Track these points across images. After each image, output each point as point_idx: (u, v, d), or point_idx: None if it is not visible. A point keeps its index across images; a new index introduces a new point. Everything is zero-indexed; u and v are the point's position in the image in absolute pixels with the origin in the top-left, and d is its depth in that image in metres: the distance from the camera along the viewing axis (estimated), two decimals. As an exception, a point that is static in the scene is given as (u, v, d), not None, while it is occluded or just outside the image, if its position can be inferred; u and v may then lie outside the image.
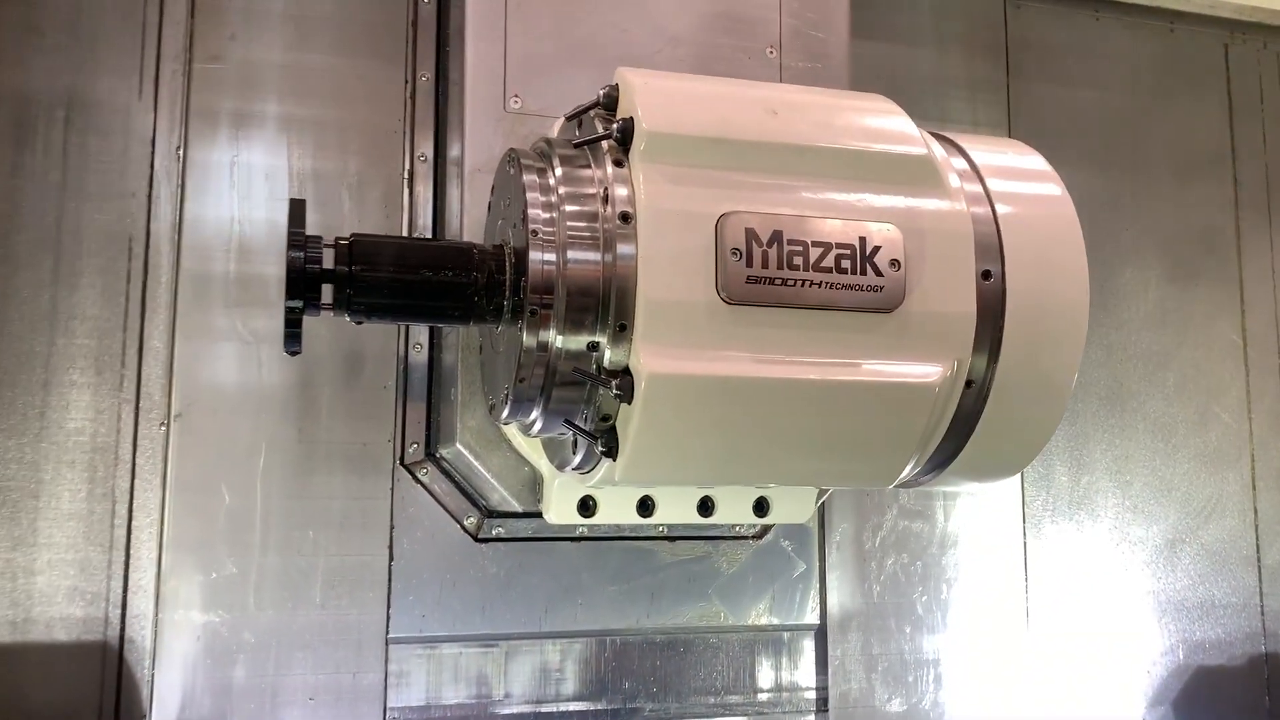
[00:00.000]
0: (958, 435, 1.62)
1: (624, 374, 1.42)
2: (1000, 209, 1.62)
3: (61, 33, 2.14)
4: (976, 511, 2.60)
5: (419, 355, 2.23)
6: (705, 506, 1.95)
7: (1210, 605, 2.80)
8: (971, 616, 2.56)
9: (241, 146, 2.20)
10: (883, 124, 1.58)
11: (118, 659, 2.05)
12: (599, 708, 2.27)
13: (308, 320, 1.50)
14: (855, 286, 1.45)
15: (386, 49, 2.29)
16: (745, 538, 2.37)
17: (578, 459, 1.59)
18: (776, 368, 1.43)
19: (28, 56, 2.12)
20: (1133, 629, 2.73)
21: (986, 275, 1.57)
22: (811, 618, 2.42)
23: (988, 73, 2.78)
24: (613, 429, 1.48)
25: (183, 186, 2.16)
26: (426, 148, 2.28)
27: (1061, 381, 1.62)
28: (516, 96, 2.02)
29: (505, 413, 1.58)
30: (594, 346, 1.45)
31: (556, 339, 1.46)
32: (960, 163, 1.68)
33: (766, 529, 2.38)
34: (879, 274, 1.46)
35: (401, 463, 2.21)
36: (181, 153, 2.17)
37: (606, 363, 1.44)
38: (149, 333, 2.12)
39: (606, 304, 1.43)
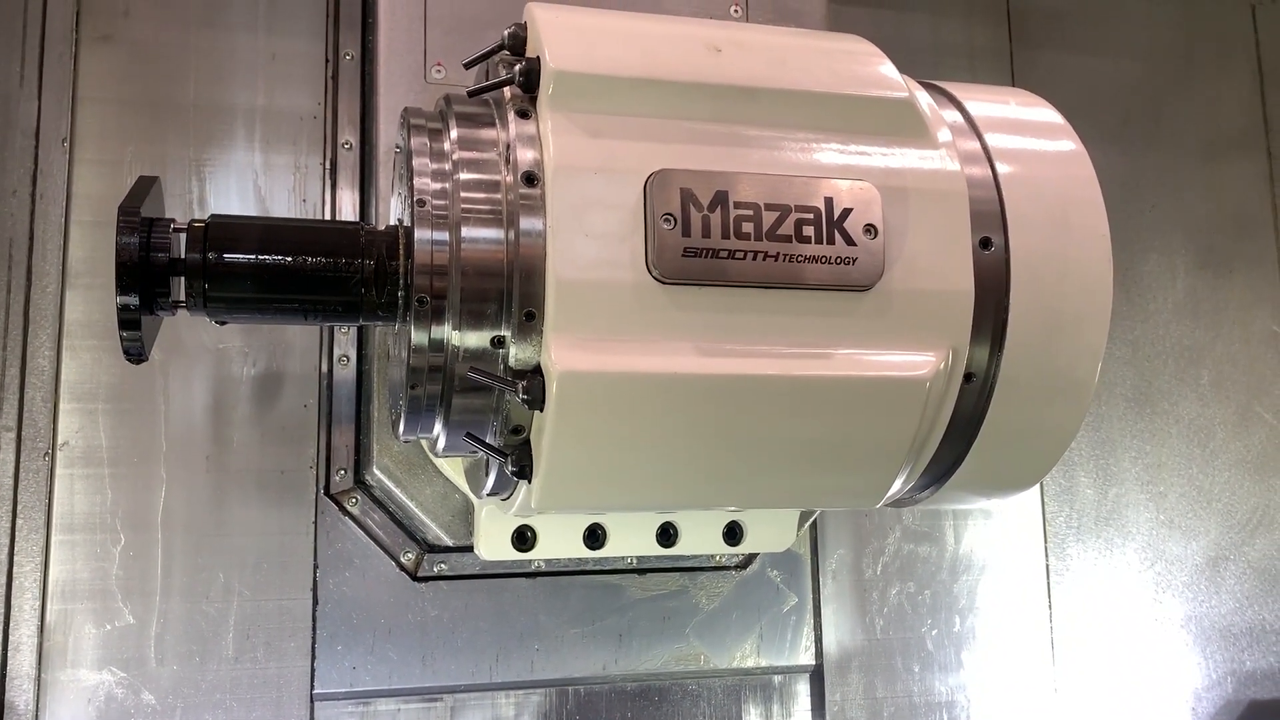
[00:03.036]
0: (958, 441, 1.32)
1: (534, 374, 1.14)
2: (1001, 167, 1.33)
3: (-72, 13, 1.89)
4: (991, 532, 2.29)
5: (345, 369, 1.95)
6: (666, 535, 1.66)
7: (1261, 630, 2.48)
8: (989, 652, 2.25)
9: (137, 136, 1.93)
10: (855, 65, 1.30)
11: (-4, 728, 1.77)
12: (566, 769, 1.98)
13: (215, 333, 1.22)
14: (821, 258, 1.17)
15: (305, 23, 2.03)
16: (727, 568, 2.08)
17: (491, 481, 1.31)
18: (724, 361, 1.14)
19: (-111, 40, 1.87)
20: (1173, 660, 2.41)
21: (985, 244, 1.28)
22: (806, 658, 2.11)
23: (989, 40, 2.50)
24: (526, 443, 1.20)
25: (69, 183, 1.90)
26: (351, 134, 2.02)
27: (1082, 373, 1.33)
28: (439, 65, 1.75)
29: (402, 427, 1.29)
30: (498, 342, 1.17)
31: (453, 335, 1.18)
32: (953, 114, 1.39)
33: (751, 558, 2.09)
34: (851, 242, 1.18)
35: (326, 492, 1.92)
36: (69, 145, 1.91)
37: (513, 361, 1.16)
38: (32, 350, 1.85)
39: (510, 289, 1.15)
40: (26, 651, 1.79)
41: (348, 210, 1.99)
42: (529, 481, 1.20)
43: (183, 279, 1.23)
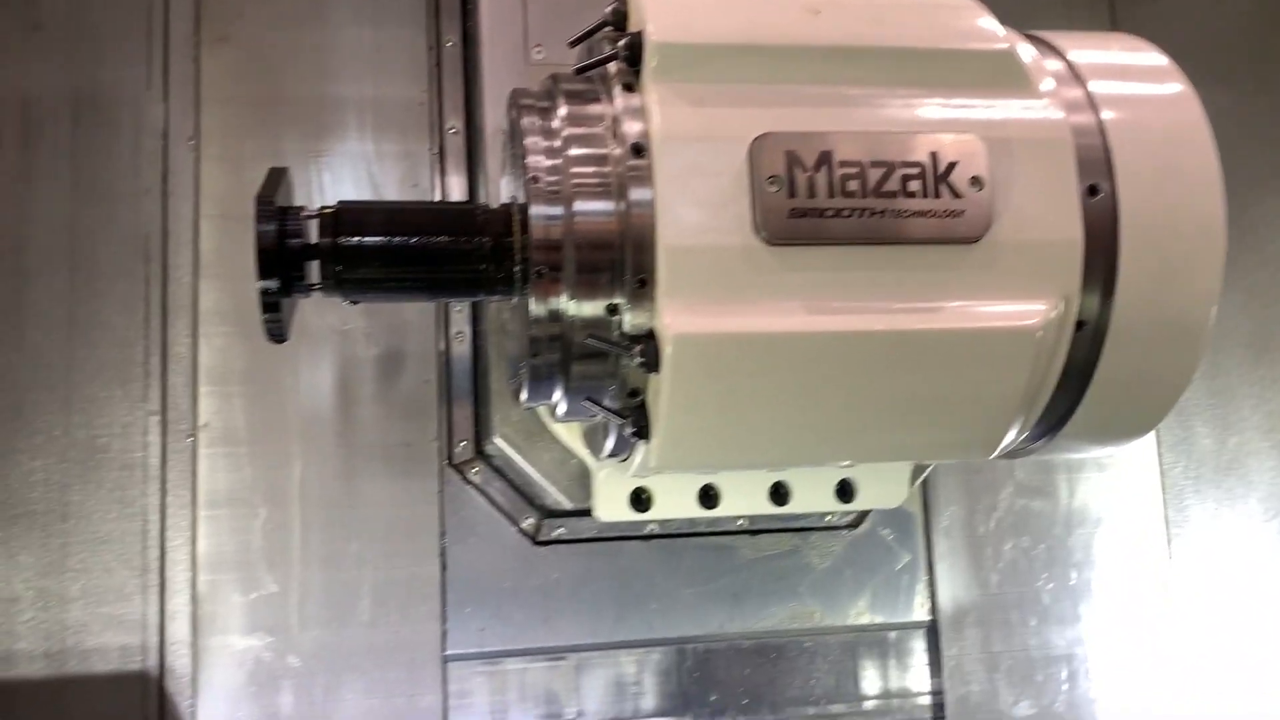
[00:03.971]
0: (1070, 390, 1.33)
1: (648, 338, 1.18)
2: (1106, 113, 1.32)
3: (62, 26, 2.01)
4: (1106, 485, 2.27)
5: (461, 346, 2.03)
6: (779, 493, 1.70)
7: (1395, 580, 2.40)
8: (1107, 605, 2.23)
9: (257, 132, 2.03)
10: (953, 19, 1.31)
11: (158, 690, 1.91)
12: (683, 723, 2.04)
13: (339, 315, 1.29)
14: (928, 213, 1.18)
15: (406, 13, 2.10)
16: (838, 528, 2.10)
17: (610, 443, 1.36)
18: (833, 319, 1.17)
19: (29, 54, 2.00)
20: (1302, 611, 2.36)
21: (1093, 191, 1.27)
22: (920, 614, 2.13)
23: (1087, -15, 2.45)
24: (643, 405, 1.24)
25: (197, 180, 2.01)
26: (456, 119, 2.09)
27: (1196, 317, 1.31)
28: (539, 46, 1.80)
29: (525, 395, 1.36)
30: (613, 309, 1.22)
31: (569, 305, 1.23)
32: (1055, 63, 1.39)
33: (862, 517, 2.11)
34: (957, 195, 1.19)
35: (449, 463, 2.01)
36: (195, 144, 2.02)
37: (628, 327, 1.21)
38: (171, 339, 1.98)
39: (623, 258, 1.20)
40: (182, 619, 1.92)
41: (456, 193, 2.06)
42: (647, 442, 1.25)
43: (316, 262, 1.31)
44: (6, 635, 1.87)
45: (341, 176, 2.05)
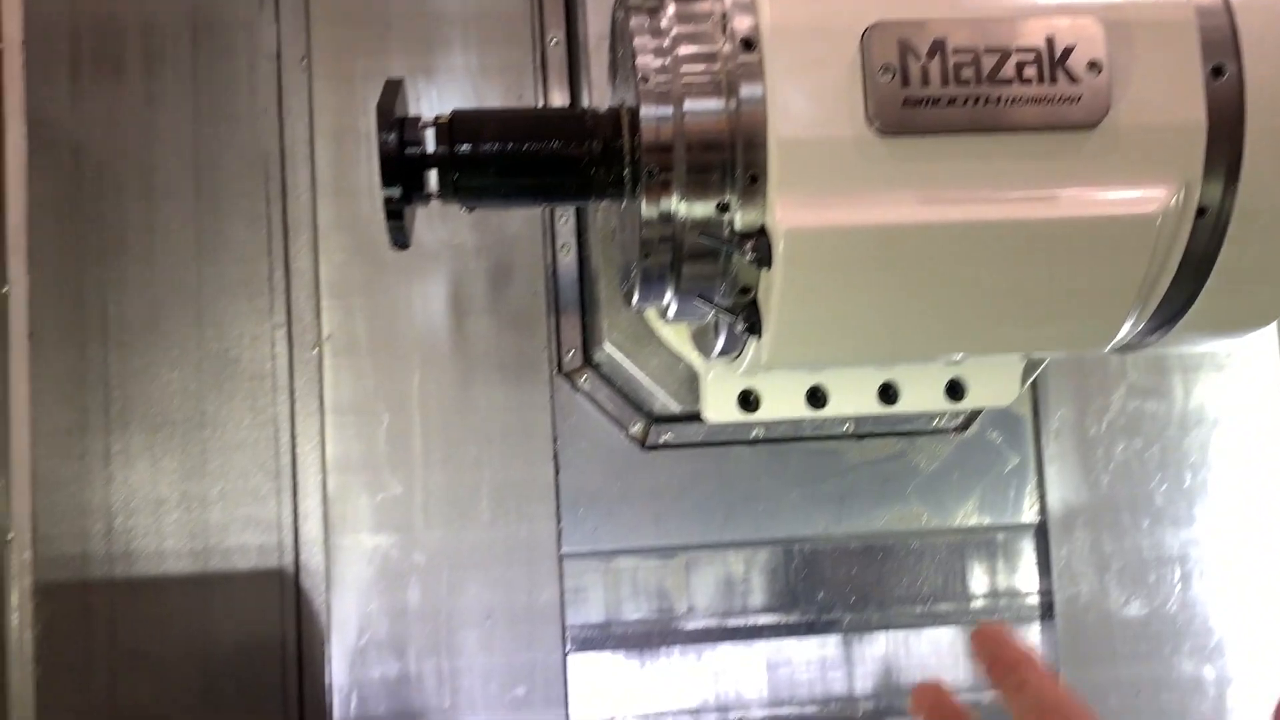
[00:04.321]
0: (1189, 280, 1.30)
1: (759, 234, 1.20)
2: (1233, -10, 1.27)
3: (177, -48, 2.07)
4: (1224, 384, 2.22)
5: (567, 257, 2.08)
6: (887, 393, 1.71)
7: None
8: (1222, 506, 2.20)
9: (365, 50, 2.08)
10: (1068, -102, 1.26)
11: (295, 585, 2.03)
12: (792, 620, 2.09)
13: (450, 230, 1.35)
14: (1045, 99, 1.16)
15: (505, -76, 2.11)
16: (946, 431, 2.11)
17: (721, 341, 1.39)
18: (949, 209, 1.17)
19: (148, -19, 2.07)
20: None
21: (1217, 72, 1.23)
22: (1029, 515, 2.14)
23: None
24: (754, 302, 1.27)
25: (310, 99, 2.07)
26: (557, 29, 2.10)
27: (1327, 202, 1.27)
28: (640, -51, 1.79)
29: (636, 297, 1.39)
30: (724, 207, 1.24)
31: (680, 205, 1.25)
32: (1176, -59, 1.33)
33: (970, 420, 2.11)
34: (1074, 80, 1.17)
35: (559, 371, 2.07)
36: (307, 64, 2.07)
37: (739, 224, 1.22)
38: (293, 254, 2.06)
39: (733, 155, 1.21)
40: (314, 520, 2.03)
41: (559, 103, 2.08)
42: (758, 338, 1.27)
43: (434, 171, 1.35)
44: (156, 535, 2.01)
45: (447, 91, 2.09)
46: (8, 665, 1.96)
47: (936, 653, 2.11)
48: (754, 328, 1.25)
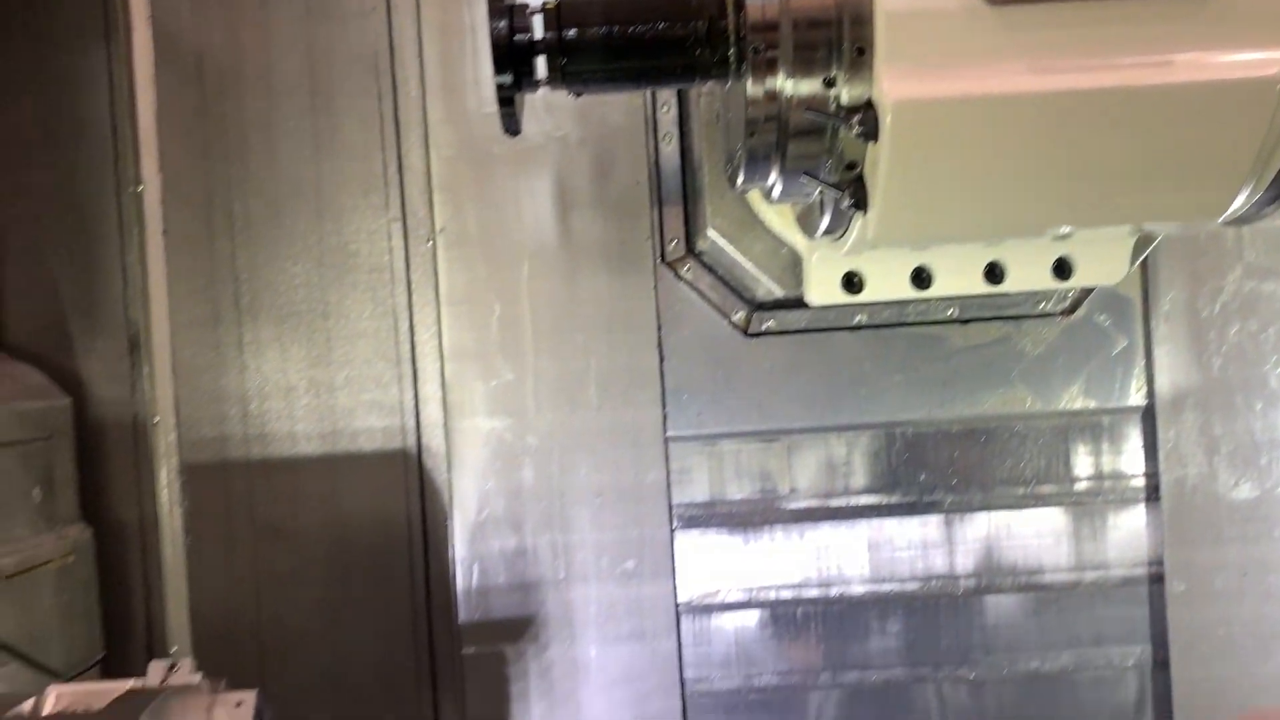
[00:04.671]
0: (1311, 147, 1.27)
1: (866, 108, 1.21)
2: None
3: None
4: (1348, 265, 2.14)
5: (669, 147, 2.10)
6: (993, 272, 1.71)
7: None
8: (1343, 388, 2.15)
9: (468, -56, 2.10)
10: None
11: (418, 466, 2.15)
12: (893, 501, 2.14)
13: (554, 122, 1.37)
14: (1160, -39, 1.14)
15: None
16: (1052, 314, 2.10)
17: (826, 220, 1.41)
18: (1060, 77, 1.16)
19: (258, -116, 2.11)
20: None
21: (1349, -74, 1.18)
22: (1137, 399, 2.12)
23: None
24: (860, 177, 1.28)
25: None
26: (657, -86, 2.08)
27: None
28: None
29: (741, 177, 1.41)
30: (830, 83, 1.25)
31: (786, 83, 1.27)
32: None
33: (1077, 303, 2.09)
34: (1192, -60, 1.14)
35: (662, 260, 2.11)
36: (412, -39, 2.11)
37: (845, 99, 1.23)
38: (405, 150, 2.13)
39: (840, 30, 1.21)
40: (434, 404, 2.14)
41: (660, -10, 2.08)
42: (864, 214, 1.29)
43: (543, 57, 1.38)
44: (288, 419, 2.14)
45: (549, -17, 2.10)
46: (161, 538, 2.12)
47: (1038, 534, 2.14)
48: (860, 203, 1.27)
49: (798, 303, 2.06)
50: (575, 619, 2.11)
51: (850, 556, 2.14)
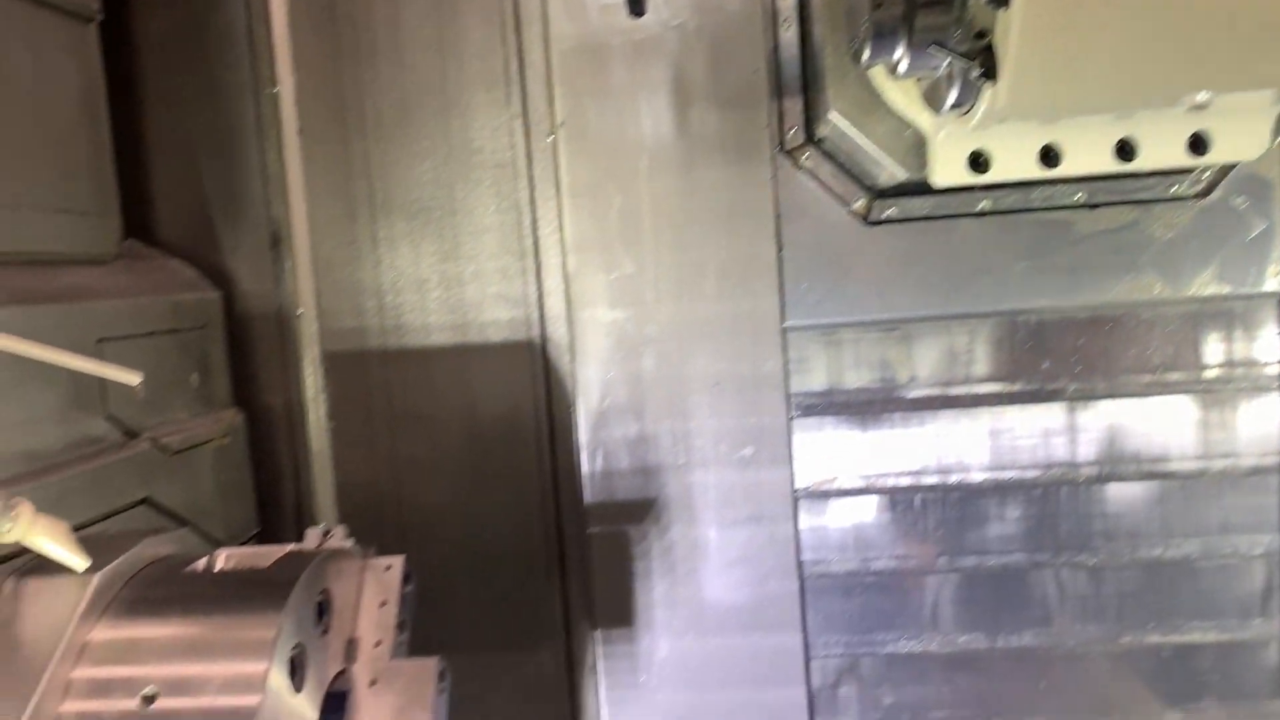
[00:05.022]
0: None
1: (998, -28, 1.19)
2: None
3: None
4: None
5: (788, 32, 2.08)
6: (1125, 150, 1.67)
7: None
8: None
9: None
10: None
11: (543, 356, 2.23)
12: (1015, 389, 2.13)
13: (671, 11, 1.37)
14: None
15: None
16: (1184, 198, 2.04)
17: (954, 93, 1.40)
18: (1201, -70, 1.12)
19: None
20: None
21: None
22: (1273, 284, 2.06)
23: None
24: (989, 46, 1.27)
25: (530, -111, 2.12)
26: None
27: None
28: None
29: (867, 52, 1.41)
30: (960, -52, 1.23)
31: (915, -52, 1.26)
32: None
33: (1212, 186, 2.02)
34: None
35: (781, 149, 2.11)
36: None
37: (976, -36, 1.22)
38: (526, 46, 2.16)
39: (972, -109, 1.19)
40: (557, 296, 2.20)
41: None
42: (994, 84, 1.28)
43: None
44: (422, 311, 2.24)
45: None
46: (307, 424, 2.27)
47: (1164, 421, 2.11)
48: (990, 73, 1.26)
49: (919, 189, 2.04)
50: (695, 502, 2.18)
51: (970, 444, 2.15)
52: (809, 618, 2.18)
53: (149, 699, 1.31)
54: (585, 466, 2.20)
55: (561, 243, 2.18)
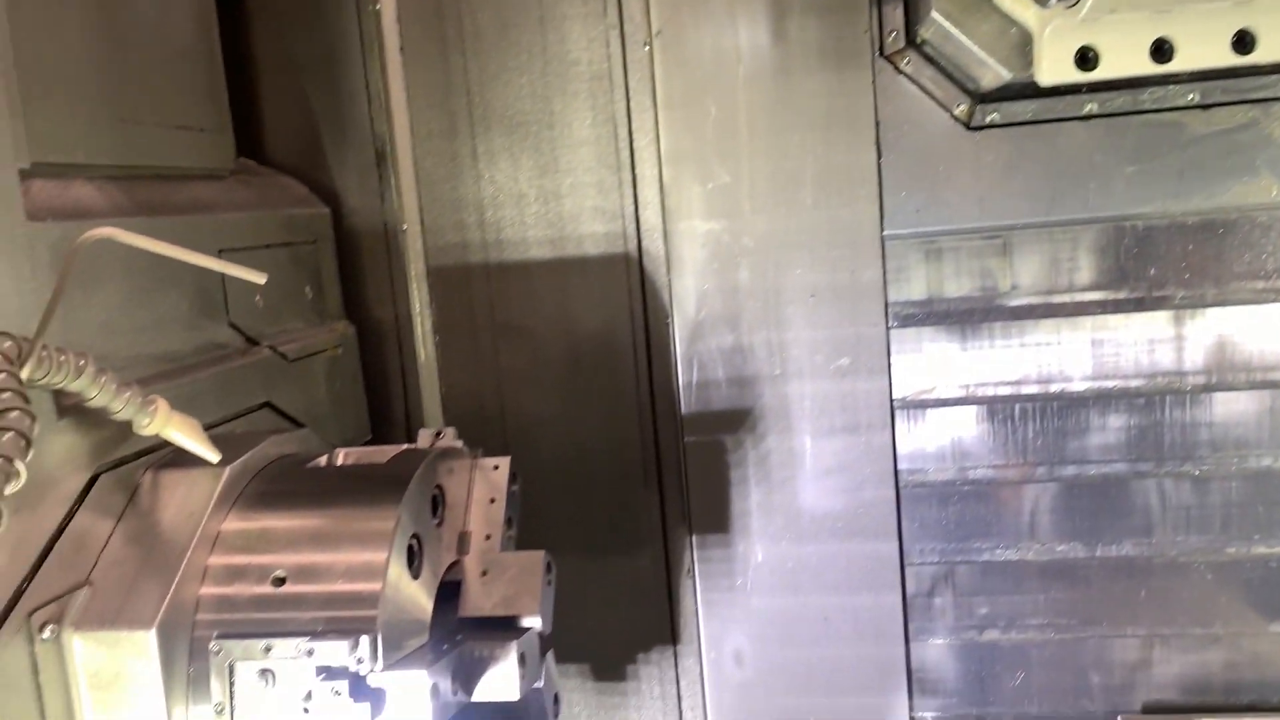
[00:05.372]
0: None
1: None
2: None
3: None
4: None
5: (889, -69, 2.04)
6: (1243, 41, 1.60)
7: None
8: None
9: None
10: None
11: (639, 268, 2.26)
12: (1119, 296, 2.09)
13: None
14: None
15: None
16: (1307, 95, 1.95)
17: (1063, -19, 1.36)
18: None
19: None
20: None
21: None
22: (1398, 186, 1.97)
23: None
24: (1103, -71, 1.23)
25: None
26: None
27: None
28: None
29: (973, -57, 1.38)
30: None
31: None
32: None
33: (1337, 80, 1.93)
34: None
35: (880, 54, 2.08)
36: None
37: None
38: (616, -45, 2.16)
39: None
40: (653, 208, 2.22)
41: None
42: (1105, -31, 1.24)
43: None
44: (521, 225, 2.28)
45: None
46: (415, 336, 2.35)
47: (1277, 330, 2.05)
48: (1101, -44, 1.23)
49: (1023, 92, 2.00)
50: (791, 412, 2.20)
51: (1072, 354, 2.12)
52: (905, 526, 2.20)
53: (279, 580, 1.40)
54: (681, 377, 2.23)
55: (657, 154, 2.19)
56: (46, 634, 1.27)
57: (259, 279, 1.31)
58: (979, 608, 2.22)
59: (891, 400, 2.17)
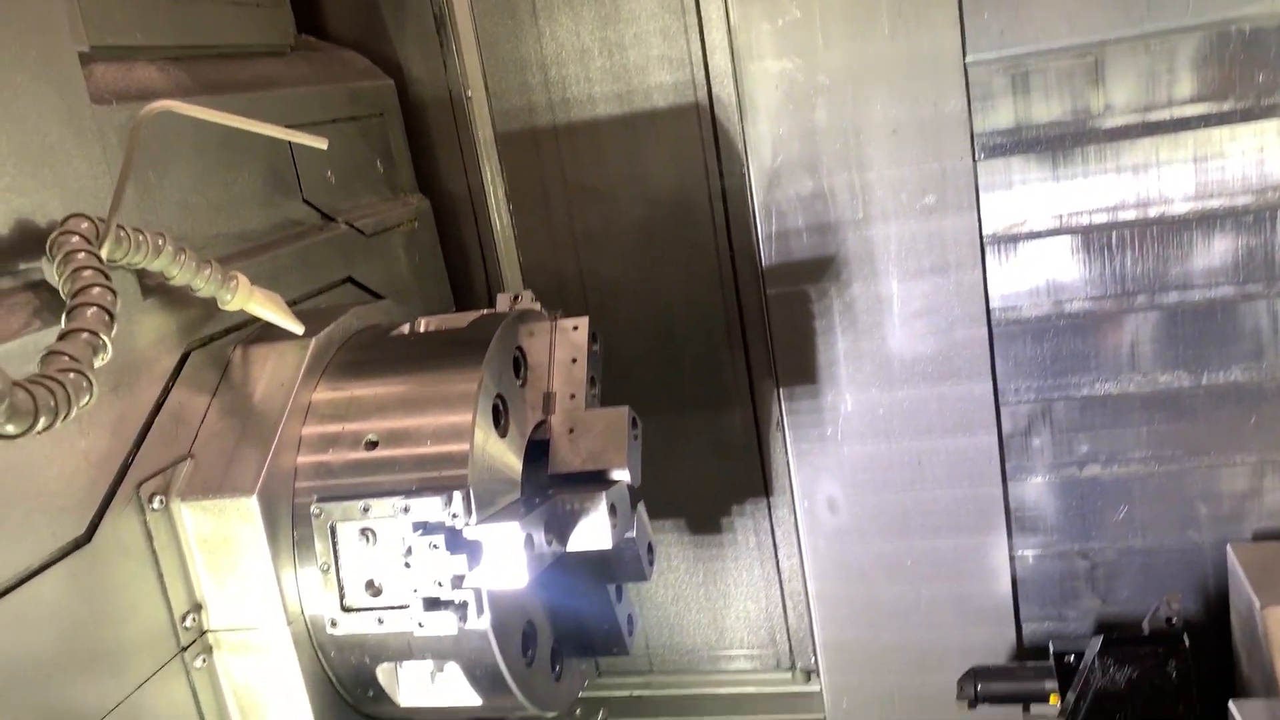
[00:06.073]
0: None
1: None
2: None
3: None
4: None
5: None
6: None
7: None
8: None
9: None
10: None
11: (710, 116, 2.19)
12: (1224, 108, 1.95)
13: None
14: None
15: None
16: None
17: None
18: None
19: None
20: None
21: None
22: None
23: None
24: None
25: None
26: None
27: None
28: None
29: None
30: None
31: None
32: None
33: None
34: None
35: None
36: None
37: None
38: None
39: None
40: (722, 51, 2.14)
41: None
42: None
43: None
44: (586, 82, 2.23)
45: None
46: (489, 206, 2.33)
47: (1403, 130, 1.90)
48: None
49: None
50: (876, 255, 2.14)
51: (1172, 173, 2.00)
52: (999, 365, 2.14)
53: (371, 444, 1.44)
54: (761, 229, 2.18)
55: (725, -7, 2.10)
56: (156, 504, 1.32)
57: (320, 144, 1.30)
58: (1079, 444, 2.17)
59: (981, 236, 2.09)
